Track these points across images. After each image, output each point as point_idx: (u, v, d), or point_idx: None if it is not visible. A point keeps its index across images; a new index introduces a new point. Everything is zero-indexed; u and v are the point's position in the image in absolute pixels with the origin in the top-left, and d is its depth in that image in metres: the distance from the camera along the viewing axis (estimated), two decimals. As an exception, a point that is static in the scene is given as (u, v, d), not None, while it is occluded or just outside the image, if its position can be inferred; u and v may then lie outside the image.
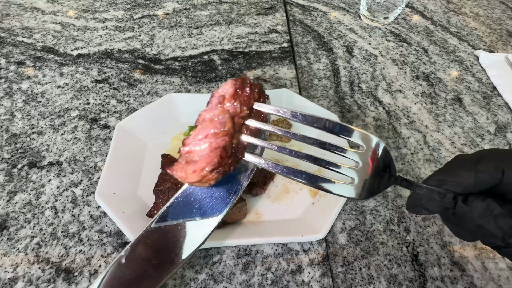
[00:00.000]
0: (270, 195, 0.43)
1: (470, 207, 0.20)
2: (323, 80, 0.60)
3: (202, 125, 0.27)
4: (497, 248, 0.21)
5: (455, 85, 0.61)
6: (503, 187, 0.21)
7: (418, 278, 0.37)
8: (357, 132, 0.24)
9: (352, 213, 0.42)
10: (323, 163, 0.25)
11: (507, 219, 0.19)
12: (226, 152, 0.26)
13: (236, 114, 0.27)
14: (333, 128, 0.25)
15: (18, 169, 0.45)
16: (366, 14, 0.72)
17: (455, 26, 0.74)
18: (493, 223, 0.20)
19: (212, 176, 0.26)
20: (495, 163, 0.20)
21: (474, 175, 0.20)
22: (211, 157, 0.25)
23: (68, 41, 0.65)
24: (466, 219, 0.21)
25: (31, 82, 0.57)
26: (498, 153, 0.21)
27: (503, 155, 0.21)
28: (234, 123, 0.27)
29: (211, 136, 0.26)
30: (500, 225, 0.20)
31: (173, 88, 0.57)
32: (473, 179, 0.20)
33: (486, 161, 0.21)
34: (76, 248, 0.38)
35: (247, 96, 0.28)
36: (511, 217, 0.20)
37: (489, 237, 0.20)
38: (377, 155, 0.24)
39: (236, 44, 0.66)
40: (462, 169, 0.21)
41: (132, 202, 0.40)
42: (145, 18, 0.72)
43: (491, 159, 0.21)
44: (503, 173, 0.20)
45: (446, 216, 0.23)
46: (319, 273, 0.37)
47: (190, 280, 0.36)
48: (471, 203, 0.20)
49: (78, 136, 0.49)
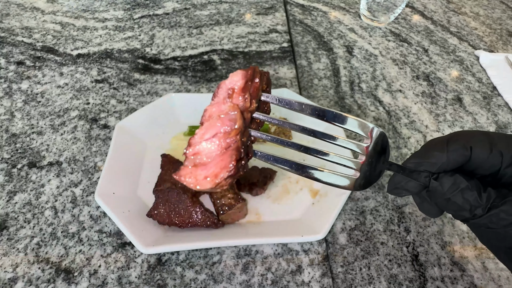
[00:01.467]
0: (270, 195, 0.43)
1: (439, 182, 0.22)
2: (323, 80, 0.60)
3: (209, 122, 0.24)
4: (466, 220, 0.23)
5: (455, 85, 0.60)
6: (472, 163, 0.22)
7: (418, 278, 0.37)
8: (353, 120, 0.24)
9: (352, 213, 0.42)
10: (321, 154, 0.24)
11: (472, 192, 0.21)
12: (240, 153, 0.23)
13: (246, 109, 0.24)
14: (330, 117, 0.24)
15: (17, 169, 0.45)
16: (366, 14, 0.71)
17: (455, 26, 0.74)
18: (460, 196, 0.21)
19: (226, 182, 0.23)
20: (464, 142, 0.22)
21: (446, 155, 0.22)
22: (224, 161, 0.22)
23: (68, 41, 0.65)
24: (437, 194, 0.22)
25: (31, 82, 0.57)
26: (466, 133, 0.23)
27: (471, 134, 0.23)
28: (244, 119, 0.24)
29: (221, 136, 0.23)
30: (466, 198, 0.21)
31: (173, 88, 0.57)
32: (445, 159, 0.22)
33: (455, 141, 0.22)
34: (76, 248, 0.38)
35: (257, 88, 0.25)
36: (476, 190, 0.21)
37: (458, 210, 0.22)
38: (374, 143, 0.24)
39: (236, 44, 0.66)
40: (435, 150, 0.22)
41: (132, 202, 0.40)
42: (145, 18, 0.72)
43: (460, 138, 0.22)
44: (471, 151, 0.22)
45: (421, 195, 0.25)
46: (319, 273, 0.37)
47: (190, 280, 0.36)
48: (440, 179, 0.22)
49: (78, 136, 0.49)
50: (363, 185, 0.24)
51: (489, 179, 0.23)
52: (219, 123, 0.23)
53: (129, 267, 0.37)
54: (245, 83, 0.24)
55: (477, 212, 0.21)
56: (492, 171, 0.23)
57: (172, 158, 0.44)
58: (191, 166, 0.23)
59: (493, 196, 0.21)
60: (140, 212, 0.39)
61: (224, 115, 0.24)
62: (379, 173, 0.24)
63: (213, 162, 0.23)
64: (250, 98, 0.24)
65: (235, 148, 0.23)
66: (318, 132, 0.24)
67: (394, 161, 0.48)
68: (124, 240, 0.39)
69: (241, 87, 0.24)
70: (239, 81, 0.25)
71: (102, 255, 0.38)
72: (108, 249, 0.38)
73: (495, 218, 0.21)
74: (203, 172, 0.23)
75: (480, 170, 0.23)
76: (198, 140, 0.23)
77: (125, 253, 0.38)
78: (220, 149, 0.23)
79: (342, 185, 0.24)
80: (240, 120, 0.23)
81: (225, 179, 0.22)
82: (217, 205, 0.39)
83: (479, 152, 0.22)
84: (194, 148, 0.23)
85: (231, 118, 0.23)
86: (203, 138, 0.23)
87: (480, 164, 0.22)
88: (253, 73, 0.25)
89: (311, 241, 0.39)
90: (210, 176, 0.22)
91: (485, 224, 0.22)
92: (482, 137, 0.22)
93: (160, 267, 0.37)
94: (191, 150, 0.23)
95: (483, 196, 0.21)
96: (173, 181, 0.41)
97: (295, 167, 0.24)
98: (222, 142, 0.23)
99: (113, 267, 0.37)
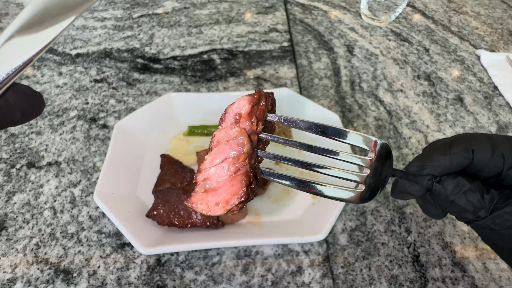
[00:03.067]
0: (270, 195, 0.42)
1: (442, 185, 0.22)
2: (323, 79, 0.60)
3: (218, 148, 0.24)
4: (469, 222, 0.23)
5: (456, 84, 0.60)
6: (475, 166, 0.23)
7: (419, 279, 0.37)
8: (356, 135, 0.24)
9: (352, 213, 0.42)
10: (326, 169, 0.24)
11: (475, 194, 0.21)
12: (249, 178, 0.24)
13: (253, 131, 0.25)
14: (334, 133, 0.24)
15: (16, 169, 0.45)
16: (367, 13, 0.71)
17: (456, 26, 0.73)
18: (463, 198, 0.22)
19: (237, 207, 0.23)
20: (466, 145, 0.22)
21: (448, 158, 0.22)
22: (235, 186, 0.23)
23: (66, 41, 0.65)
24: (441, 197, 0.23)
25: (30, 81, 0.57)
26: (468, 136, 0.23)
27: (472, 137, 0.23)
28: (252, 141, 0.25)
29: (230, 161, 0.24)
30: (469, 200, 0.21)
31: (173, 87, 0.57)
32: (448, 162, 0.22)
33: (458, 144, 0.23)
34: (75, 248, 0.38)
35: (263, 110, 0.26)
36: (479, 192, 0.21)
37: (461, 212, 0.22)
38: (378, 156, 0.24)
39: (236, 43, 0.66)
40: (437, 153, 0.23)
41: (131, 203, 0.40)
42: (144, 17, 0.71)
43: (462, 141, 0.23)
44: (473, 153, 0.22)
45: (424, 198, 0.26)
46: (319, 274, 0.37)
47: (189, 281, 0.36)
48: (443, 182, 0.22)
49: (77, 136, 0.49)
50: (368, 197, 0.24)
51: (492, 180, 0.24)
52: (228, 148, 0.24)
53: (129, 268, 0.37)
54: (251, 108, 0.25)
55: (480, 214, 0.21)
56: (494, 173, 0.23)
57: (172, 158, 0.44)
58: (201, 192, 0.24)
59: (496, 198, 0.21)
60: (139, 213, 0.39)
61: (232, 140, 0.24)
62: (384, 179, 0.24)
63: (224, 188, 0.23)
64: (256, 121, 0.25)
65: (245, 172, 0.23)
66: (322, 149, 0.25)
67: (395, 161, 0.48)
68: (123, 240, 0.39)
69: (247, 112, 0.25)
70: (245, 106, 0.25)
71: (101, 256, 0.37)
72: (107, 249, 0.38)
73: (499, 219, 0.21)
74: (214, 198, 0.23)
75: (483, 172, 0.23)
76: (208, 165, 0.24)
77: (124, 254, 0.38)
78: (230, 174, 0.23)
79: (347, 198, 0.24)
80: (248, 144, 0.24)
81: (237, 205, 0.23)
82: (217, 206, 0.39)
83: (481, 154, 0.22)
84: (204, 173, 0.24)
85: (239, 142, 0.24)
86: (212, 163, 0.24)
87: (483, 166, 0.23)
88: (259, 96, 0.26)
89: (312, 242, 0.39)
90: (221, 202, 0.23)
91: (488, 225, 0.22)
92: (484, 140, 0.23)
93: (160, 268, 0.37)
94: (201, 175, 0.24)
95: (486, 198, 0.21)
96: (172, 181, 0.41)
97: (300, 184, 0.24)
98: (231, 167, 0.23)
99: (112, 267, 0.37)
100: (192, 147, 0.47)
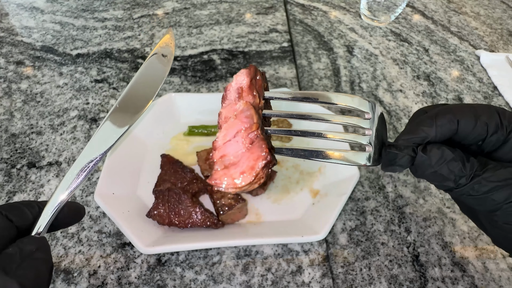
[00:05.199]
0: (270, 195, 0.42)
1: (428, 156, 0.23)
2: (323, 79, 0.60)
3: (227, 124, 0.24)
4: (449, 190, 0.24)
5: (456, 85, 0.60)
6: (459, 135, 0.24)
7: (419, 279, 0.37)
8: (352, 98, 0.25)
9: (352, 213, 0.42)
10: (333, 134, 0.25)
11: (457, 163, 0.22)
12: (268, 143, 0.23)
13: (257, 105, 0.25)
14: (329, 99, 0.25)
15: (17, 169, 0.45)
16: (367, 13, 0.71)
17: (456, 26, 0.74)
18: (446, 168, 0.22)
19: (263, 173, 0.22)
20: (451, 116, 0.23)
21: (434, 130, 0.23)
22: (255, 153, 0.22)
23: (67, 41, 0.65)
24: (425, 167, 0.23)
25: (30, 82, 0.57)
26: (452, 107, 0.24)
27: (456, 108, 0.24)
28: (259, 114, 0.24)
29: (243, 133, 0.23)
30: (451, 169, 0.22)
31: (173, 87, 0.57)
32: (434, 133, 0.23)
33: (443, 116, 0.23)
34: (76, 248, 0.38)
35: (260, 85, 0.25)
36: (461, 161, 0.22)
37: (443, 181, 0.23)
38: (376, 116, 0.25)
39: (236, 44, 0.66)
40: (424, 126, 0.24)
41: (131, 203, 0.40)
42: (144, 17, 0.71)
43: (447, 113, 0.23)
44: (458, 124, 0.23)
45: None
46: (319, 274, 0.37)
47: (190, 281, 0.36)
48: (429, 152, 0.23)
49: (77, 136, 0.49)
50: (377, 159, 0.25)
51: (474, 147, 0.25)
52: (238, 122, 0.23)
53: (129, 268, 0.37)
54: (251, 80, 0.25)
55: (461, 182, 0.22)
56: (476, 141, 0.24)
57: (172, 158, 0.44)
58: (221, 168, 0.23)
59: (475, 165, 0.22)
60: (139, 212, 0.39)
61: (240, 114, 0.24)
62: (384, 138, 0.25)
63: (244, 158, 0.23)
64: (258, 95, 0.25)
65: (261, 140, 0.23)
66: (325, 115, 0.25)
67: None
68: (123, 240, 0.39)
69: (248, 84, 0.25)
70: (244, 79, 0.25)
71: (101, 256, 0.38)
72: (108, 249, 0.38)
73: (477, 185, 0.22)
74: (238, 170, 0.22)
75: (466, 140, 0.24)
76: (221, 142, 0.24)
77: (124, 254, 0.38)
78: (246, 146, 0.23)
79: (361, 162, 0.24)
80: (256, 115, 0.24)
81: (262, 168, 0.22)
82: (217, 205, 0.39)
83: (465, 124, 0.23)
84: (220, 150, 0.23)
85: (247, 115, 0.23)
86: (225, 139, 0.23)
87: (466, 135, 0.23)
88: (255, 70, 0.26)
89: (311, 242, 0.39)
90: (246, 170, 0.22)
91: (467, 191, 0.23)
92: (468, 110, 0.23)
93: (160, 268, 0.37)
94: (218, 153, 0.23)
95: (467, 166, 0.22)
96: (173, 181, 0.41)
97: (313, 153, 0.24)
98: (245, 139, 0.23)
99: (112, 267, 0.37)
100: (192, 147, 0.47)
